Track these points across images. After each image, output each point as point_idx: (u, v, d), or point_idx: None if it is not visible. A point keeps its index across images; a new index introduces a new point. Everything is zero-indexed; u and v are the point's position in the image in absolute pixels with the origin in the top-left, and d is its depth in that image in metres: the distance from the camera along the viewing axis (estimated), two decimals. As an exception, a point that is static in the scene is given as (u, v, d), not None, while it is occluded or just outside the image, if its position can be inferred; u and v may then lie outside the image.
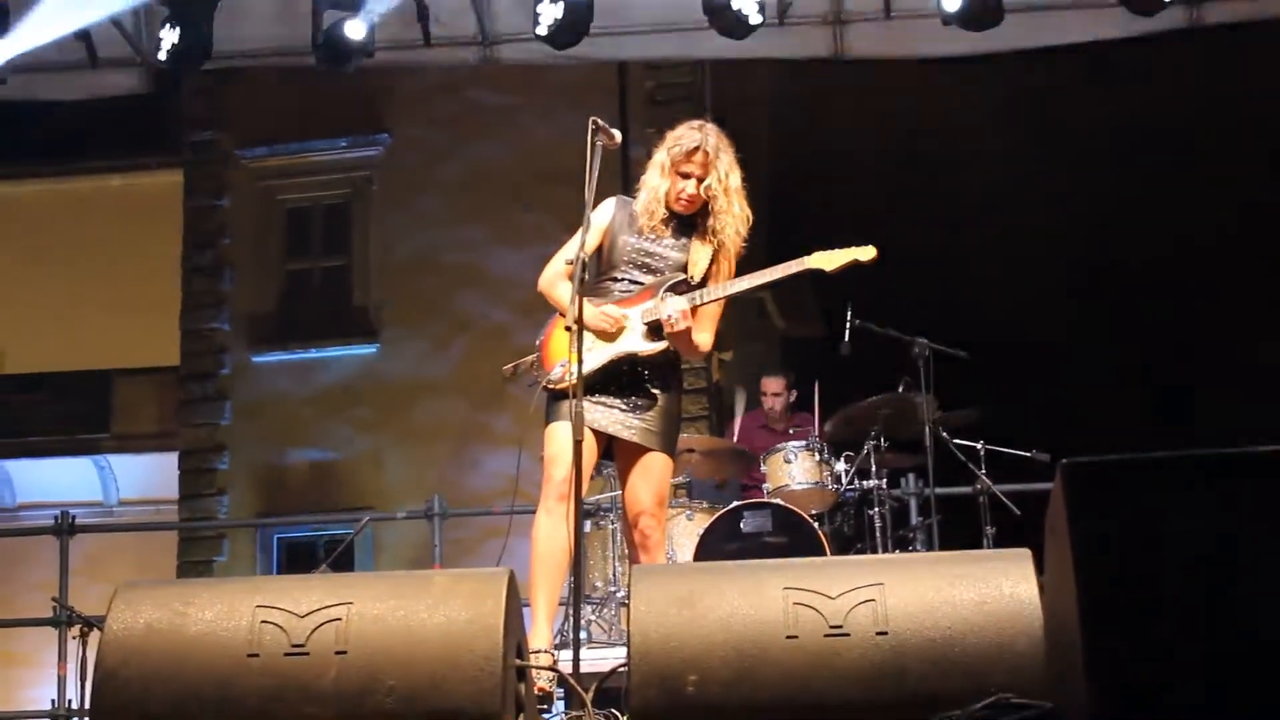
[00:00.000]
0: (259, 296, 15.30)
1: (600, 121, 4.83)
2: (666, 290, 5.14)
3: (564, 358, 5.03)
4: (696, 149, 5.16)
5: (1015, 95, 13.30)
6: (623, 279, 5.23)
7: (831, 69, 8.65)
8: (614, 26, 8.25)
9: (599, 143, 4.81)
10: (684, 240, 5.24)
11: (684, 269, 5.21)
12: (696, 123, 5.31)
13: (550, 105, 13.91)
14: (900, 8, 8.15)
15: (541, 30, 7.82)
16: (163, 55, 7.95)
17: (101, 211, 16.44)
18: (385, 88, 14.29)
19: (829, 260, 5.05)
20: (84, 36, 8.16)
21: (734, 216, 5.20)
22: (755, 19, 7.77)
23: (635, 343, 5.13)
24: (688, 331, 5.08)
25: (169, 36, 7.87)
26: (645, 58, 11.48)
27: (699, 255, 5.21)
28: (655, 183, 5.24)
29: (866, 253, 5.06)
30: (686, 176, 5.17)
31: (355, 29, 8.01)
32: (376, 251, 15.08)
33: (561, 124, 13.20)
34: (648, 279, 5.21)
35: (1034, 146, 14.81)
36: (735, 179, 5.22)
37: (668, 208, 5.22)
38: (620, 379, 5.16)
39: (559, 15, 7.79)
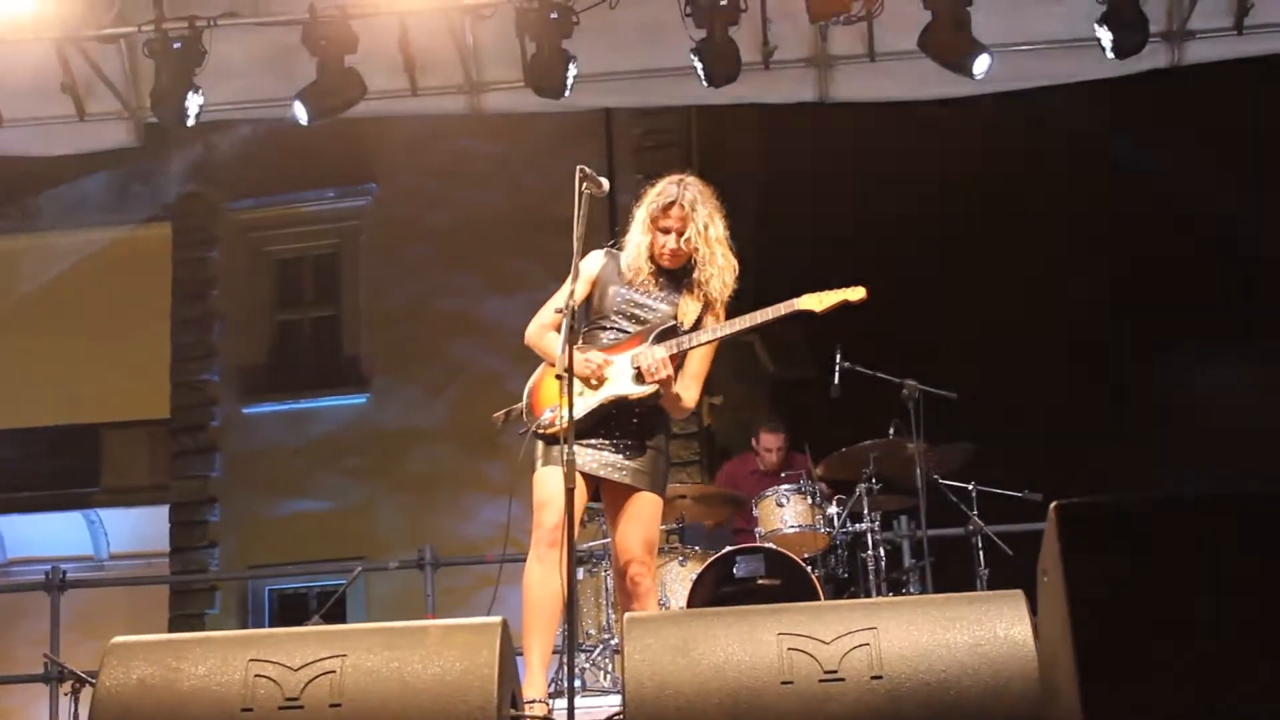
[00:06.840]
0: (249, 348, 15.31)
1: (588, 170, 4.84)
2: (656, 335, 5.14)
3: (554, 403, 5.06)
4: (673, 204, 5.17)
5: (1005, 133, 13.37)
6: (611, 328, 5.23)
7: (818, 112, 8.68)
8: (599, 73, 8.26)
9: (587, 191, 4.82)
10: (674, 295, 5.25)
11: (674, 318, 5.21)
12: (676, 176, 5.31)
13: (537, 153, 13.96)
14: (884, 50, 8.19)
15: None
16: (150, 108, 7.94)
17: (90, 265, 16.43)
18: (373, 137, 14.32)
19: (819, 302, 5.07)
20: (71, 90, 8.16)
21: (718, 268, 5.21)
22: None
23: (625, 386, 5.12)
24: (669, 380, 5.08)
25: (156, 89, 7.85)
26: (630, 104, 11.51)
27: (688, 308, 5.22)
28: (638, 239, 5.26)
29: (856, 293, 5.06)
30: (666, 231, 5.19)
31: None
32: (366, 301, 15.11)
33: (549, 171, 13.25)
34: (636, 328, 5.21)
35: (1026, 184, 14.87)
36: (716, 229, 5.22)
37: (654, 262, 5.23)
38: (609, 422, 5.15)
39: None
